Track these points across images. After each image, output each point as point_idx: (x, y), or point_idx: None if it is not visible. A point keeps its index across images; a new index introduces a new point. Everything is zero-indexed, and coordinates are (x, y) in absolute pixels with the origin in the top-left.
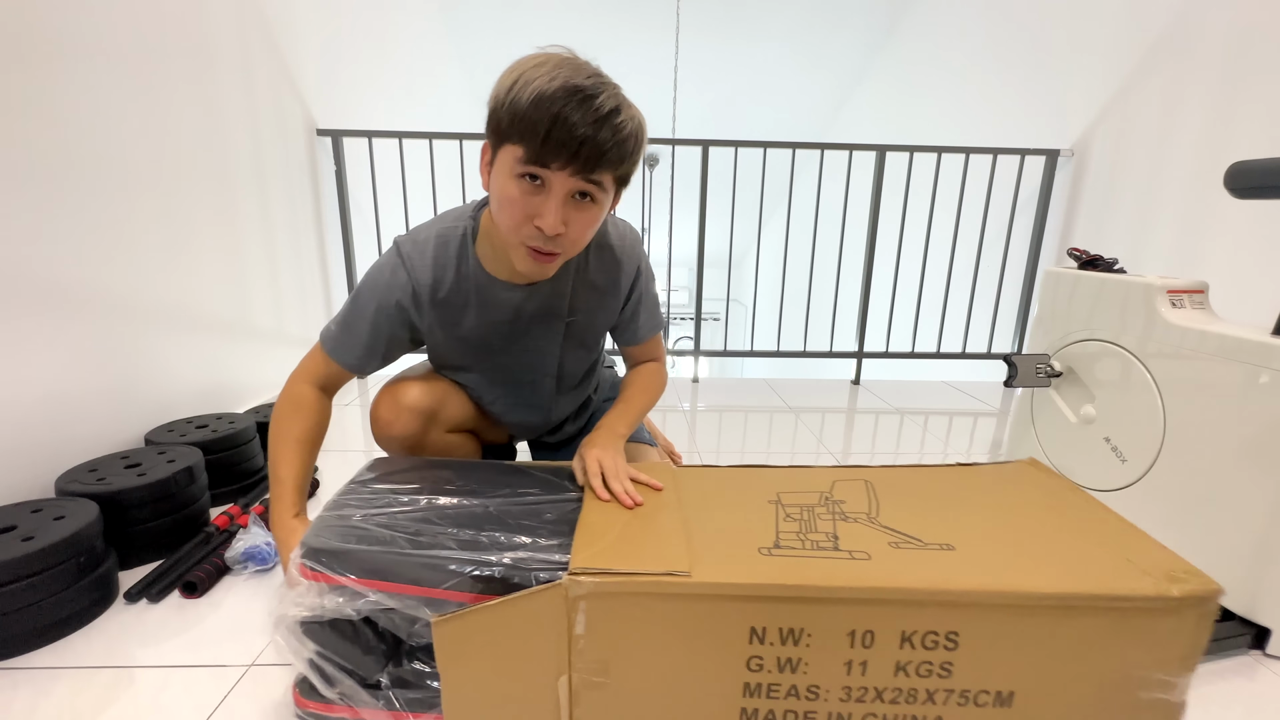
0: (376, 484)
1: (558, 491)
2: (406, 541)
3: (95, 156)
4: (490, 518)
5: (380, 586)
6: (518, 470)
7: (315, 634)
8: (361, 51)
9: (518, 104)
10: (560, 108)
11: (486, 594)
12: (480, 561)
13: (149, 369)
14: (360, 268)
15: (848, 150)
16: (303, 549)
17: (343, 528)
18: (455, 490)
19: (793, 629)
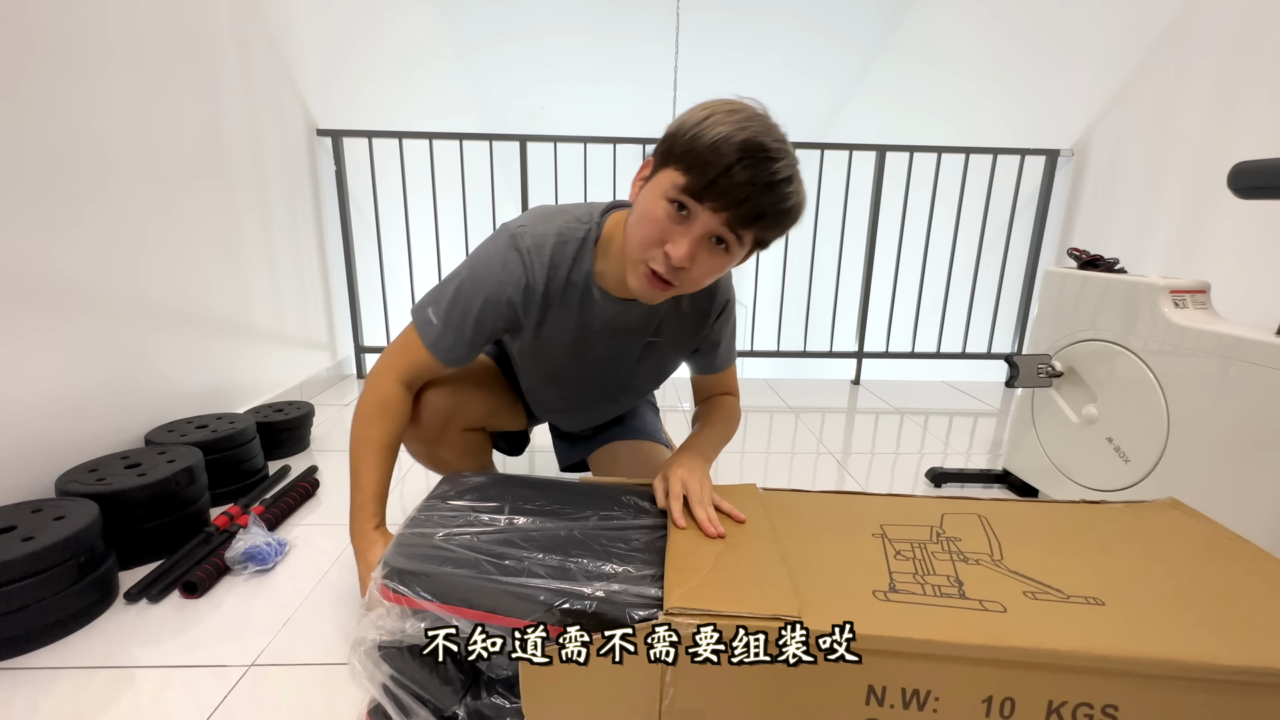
0: (455, 500)
1: (640, 515)
2: (492, 566)
3: (95, 156)
4: (576, 542)
5: (465, 614)
6: (596, 490)
7: (393, 659)
8: (361, 51)
9: (700, 138)
10: (738, 158)
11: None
12: (572, 593)
13: (149, 369)
14: (360, 268)
15: (848, 150)
16: (385, 569)
17: (425, 548)
18: (536, 510)
19: (917, 690)
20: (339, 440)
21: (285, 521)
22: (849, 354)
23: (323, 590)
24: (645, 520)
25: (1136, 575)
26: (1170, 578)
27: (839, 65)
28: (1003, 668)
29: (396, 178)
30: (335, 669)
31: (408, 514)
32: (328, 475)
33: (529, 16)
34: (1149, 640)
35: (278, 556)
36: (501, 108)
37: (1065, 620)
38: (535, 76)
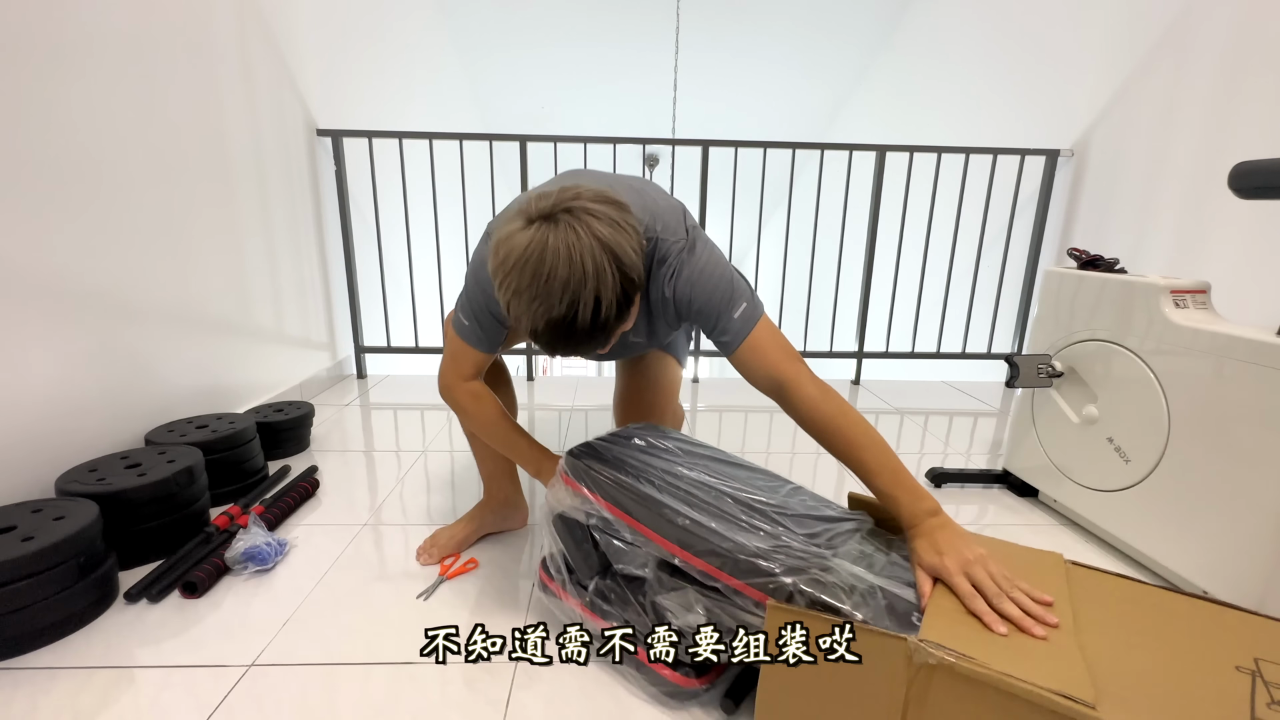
0: (654, 439)
1: (837, 520)
2: (652, 486)
3: (95, 156)
4: (746, 505)
5: (613, 511)
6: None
7: (561, 530)
8: (361, 51)
9: (520, 326)
10: (555, 342)
11: (714, 569)
12: (712, 531)
13: (149, 368)
14: (360, 268)
15: (848, 150)
16: (567, 459)
17: (605, 455)
18: (701, 468)
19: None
20: (339, 440)
21: (285, 521)
22: (849, 354)
23: (323, 590)
24: (840, 521)
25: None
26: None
27: (839, 65)
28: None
29: (396, 178)
30: (335, 669)
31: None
32: (328, 475)
33: (529, 17)
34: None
35: (278, 556)
36: (501, 108)
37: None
38: (535, 76)
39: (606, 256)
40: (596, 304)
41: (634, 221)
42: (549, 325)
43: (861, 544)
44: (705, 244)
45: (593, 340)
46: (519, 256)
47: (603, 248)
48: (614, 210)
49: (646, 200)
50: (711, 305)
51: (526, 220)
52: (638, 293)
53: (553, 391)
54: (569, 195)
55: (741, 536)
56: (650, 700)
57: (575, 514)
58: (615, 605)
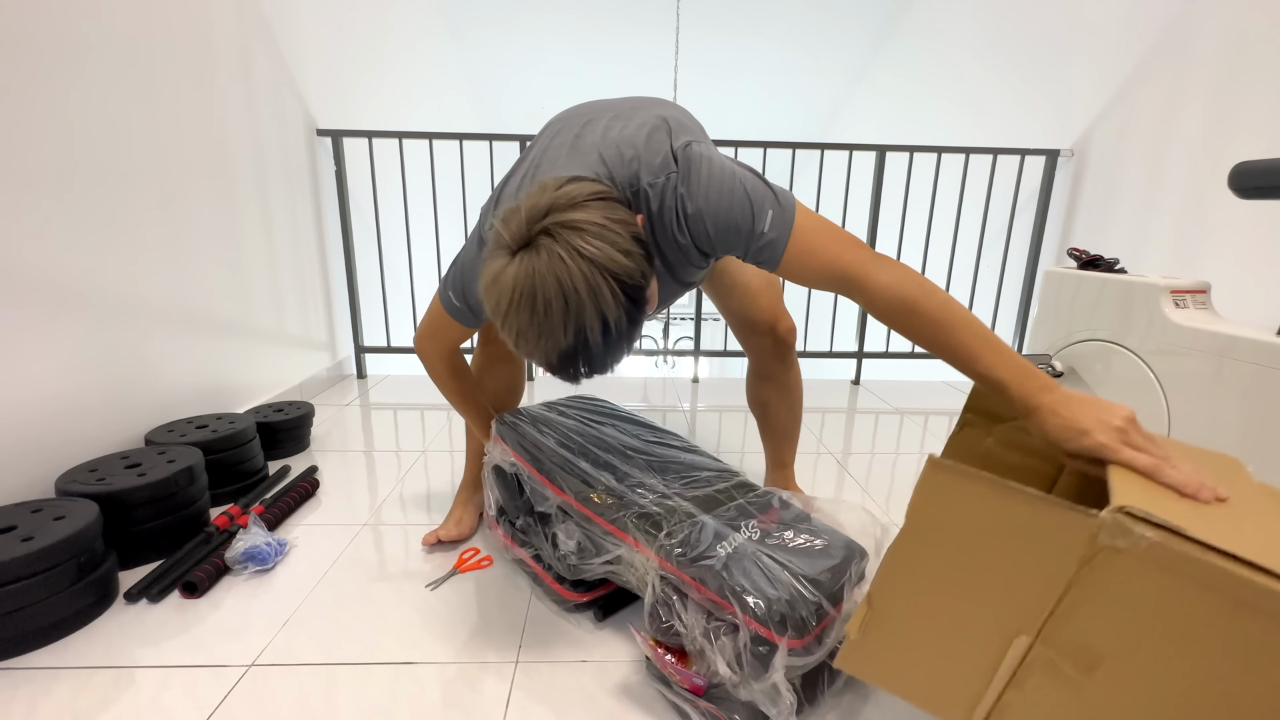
0: (567, 408)
1: (698, 464)
2: (561, 446)
3: (95, 157)
4: (631, 458)
5: (525, 465)
6: (691, 449)
7: (495, 480)
8: (361, 51)
9: (535, 362)
10: (574, 369)
11: (588, 510)
12: (585, 473)
13: (149, 369)
14: (360, 268)
15: (848, 150)
16: (498, 422)
17: (529, 419)
18: (615, 429)
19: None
20: (339, 440)
21: (285, 521)
22: (849, 354)
23: (323, 590)
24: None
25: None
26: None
27: (839, 65)
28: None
29: (396, 178)
30: (335, 669)
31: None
32: (328, 475)
33: (529, 16)
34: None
35: (278, 556)
36: (501, 108)
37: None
38: (535, 76)
39: (598, 272)
40: (604, 324)
41: (616, 211)
42: (563, 358)
43: (717, 491)
44: (700, 160)
45: (612, 356)
46: (510, 299)
47: (592, 265)
48: (593, 211)
49: (621, 148)
50: (733, 228)
51: (508, 252)
52: (645, 289)
53: (553, 391)
54: (542, 209)
55: (608, 479)
56: (651, 699)
57: (504, 465)
58: (532, 536)
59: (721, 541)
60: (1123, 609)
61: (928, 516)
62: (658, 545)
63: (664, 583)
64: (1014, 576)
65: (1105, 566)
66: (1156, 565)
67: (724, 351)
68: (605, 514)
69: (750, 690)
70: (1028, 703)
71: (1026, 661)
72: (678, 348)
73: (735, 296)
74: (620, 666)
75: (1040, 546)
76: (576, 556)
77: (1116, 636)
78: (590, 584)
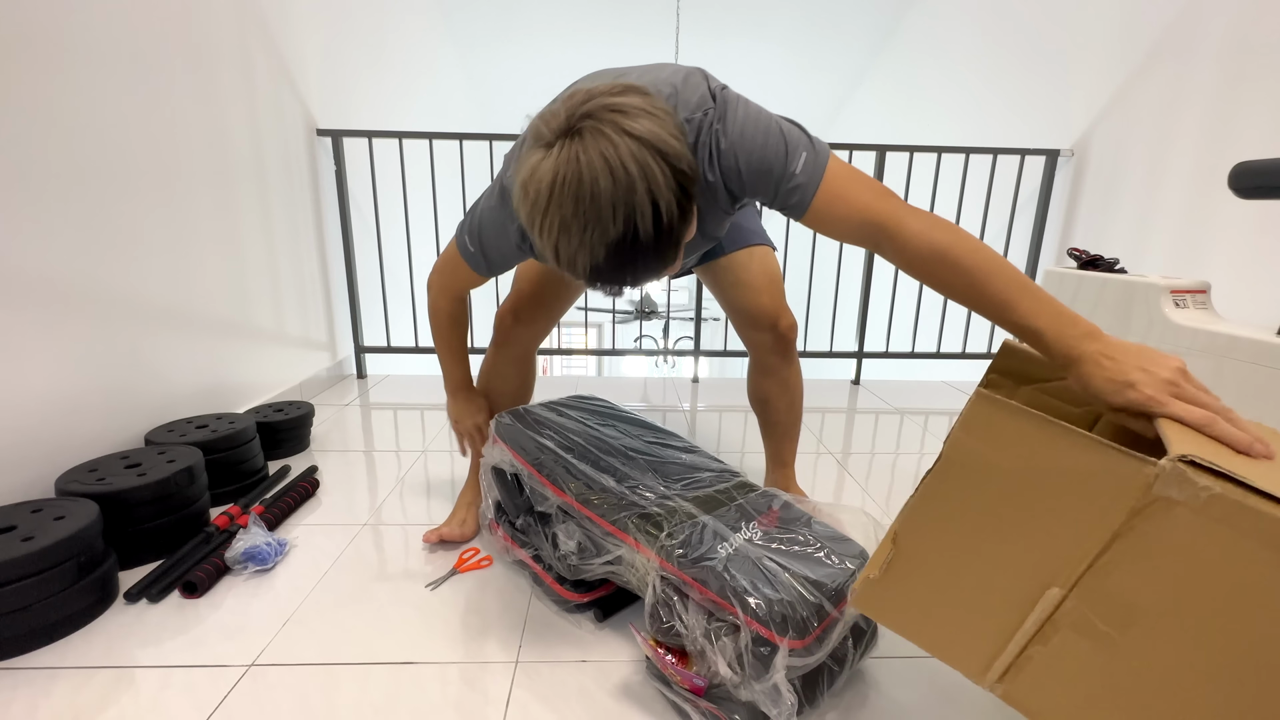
0: (568, 409)
1: (699, 465)
2: (562, 449)
3: (95, 157)
4: (637, 462)
5: (527, 466)
6: (691, 450)
7: (495, 480)
8: (361, 51)
9: (577, 273)
10: (622, 269)
11: (589, 511)
12: (590, 476)
13: (149, 369)
14: (360, 268)
15: (848, 150)
16: (498, 423)
17: (530, 420)
18: (616, 430)
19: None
20: (339, 440)
21: (285, 521)
22: (849, 354)
23: (323, 590)
24: (715, 468)
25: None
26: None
27: (839, 65)
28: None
29: (396, 178)
30: (335, 669)
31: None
32: (328, 475)
33: (529, 16)
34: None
35: (278, 556)
36: (501, 108)
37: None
38: (535, 76)
39: (649, 151)
40: (655, 209)
41: (663, 104)
42: (610, 250)
43: (717, 491)
44: (737, 102)
45: (661, 254)
46: (552, 187)
47: (641, 143)
48: (637, 97)
49: (659, 85)
50: (765, 167)
51: (545, 145)
52: (694, 186)
53: (552, 391)
54: (580, 100)
55: (608, 479)
56: (651, 699)
57: (504, 466)
58: (532, 536)
59: (722, 542)
60: (1171, 564)
61: (968, 452)
62: (658, 546)
63: (665, 583)
64: (1055, 523)
65: (1159, 518)
66: (1215, 519)
67: (724, 351)
68: (606, 514)
69: (751, 691)
70: (1052, 659)
71: (1057, 615)
72: (678, 347)
73: (738, 291)
74: (620, 666)
75: (1088, 492)
76: (577, 557)
77: (1159, 593)
78: (590, 584)
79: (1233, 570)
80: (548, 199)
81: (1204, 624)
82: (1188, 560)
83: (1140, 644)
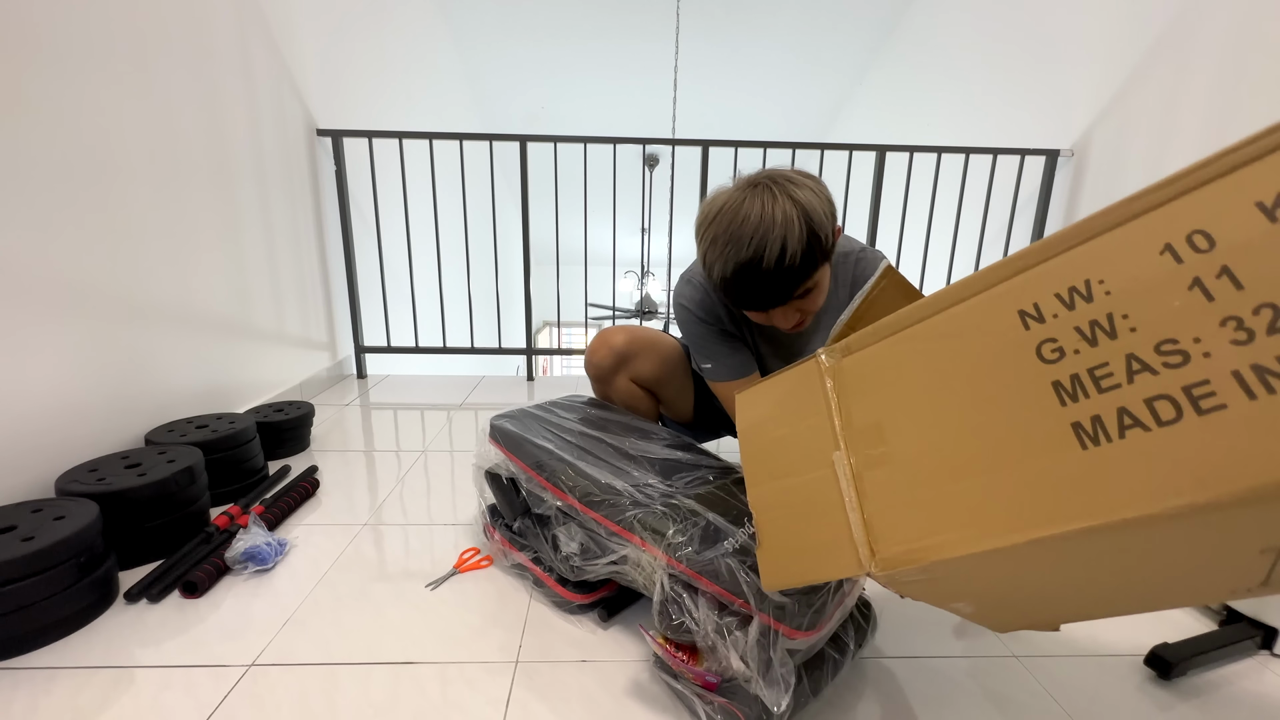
0: (562, 409)
1: (698, 462)
2: (558, 447)
3: (95, 157)
4: (633, 459)
5: (524, 467)
6: (689, 447)
7: (490, 483)
8: (361, 51)
9: (713, 277)
10: (743, 288)
11: (594, 512)
12: (609, 488)
13: (149, 369)
14: (360, 268)
15: (848, 150)
16: (492, 426)
17: (526, 421)
18: (616, 432)
19: (1073, 286)
20: (339, 440)
21: (285, 521)
22: None
23: (323, 590)
24: (706, 464)
25: None
26: None
27: (839, 65)
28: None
29: (396, 178)
30: (335, 669)
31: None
32: (328, 475)
33: (529, 16)
34: None
35: (278, 556)
36: (501, 108)
37: None
38: (535, 76)
39: (796, 211)
40: (782, 250)
41: (825, 190)
42: (737, 268)
43: (719, 488)
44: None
45: (776, 283)
46: (720, 209)
47: (794, 204)
48: (813, 183)
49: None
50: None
51: (736, 187)
52: (825, 256)
53: (553, 391)
54: (776, 171)
55: (610, 479)
56: (652, 698)
57: (499, 469)
58: (530, 539)
59: (728, 538)
60: (867, 388)
61: (749, 424)
62: (665, 544)
63: (673, 580)
64: (806, 421)
65: (842, 372)
66: (853, 355)
67: None
68: (610, 515)
69: (756, 684)
70: (877, 500)
71: (853, 469)
72: None
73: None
74: (621, 666)
75: (808, 390)
76: (580, 558)
77: (879, 406)
78: (593, 584)
79: (900, 365)
80: (712, 217)
81: (919, 406)
82: (871, 379)
83: (903, 442)
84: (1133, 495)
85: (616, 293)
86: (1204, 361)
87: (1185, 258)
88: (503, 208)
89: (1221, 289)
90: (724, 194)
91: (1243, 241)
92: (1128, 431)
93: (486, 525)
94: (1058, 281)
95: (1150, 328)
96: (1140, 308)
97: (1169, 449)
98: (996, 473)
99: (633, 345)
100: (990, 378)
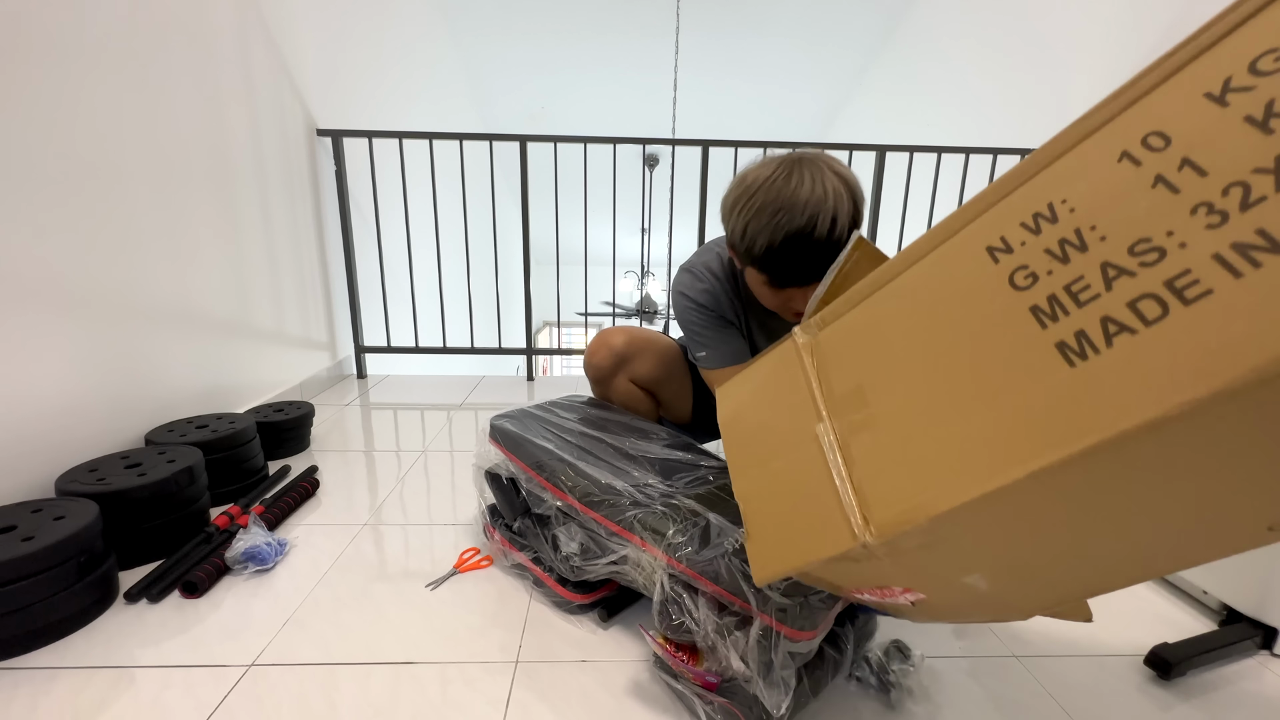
0: (562, 409)
1: (698, 462)
2: (558, 447)
3: (95, 157)
4: (630, 459)
5: (524, 467)
6: (688, 447)
7: (489, 483)
8: (361, 51)
9: (752, 250)
10: (789, 258)
11: (594, 512)
12: (609, 488)
13: (149, 369)
14: (360, 268)
15: (848, 150)
16: (492, 426)
17: (526, 421)
18: (615, 431)
19: (1037, 212)
20: (339, 440)
21: (285, 521)
22: None
23: (323, 590)
24: (702, 464)
25: None
26: None
27: (839, 65)
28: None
29: (396, 178)
30: (335, 669)
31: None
32: (328, 475)
33: (529, 16)
34: None
35: (278, 556)
36: (501, 108)
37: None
38: (535, 76)
39: (844, 187)
40: (834, 222)
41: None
42: (788, 236)
43: (719, 488)
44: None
45: (821, 255)
46: (761, 183)
47: (841, 180)
48: (842, 166)
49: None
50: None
51: (771, 164)
52: (861, 223)
53: (553, 391)
54: (807, 151)
55: (610, 479)
56: (652, 698)
57: (499, 469)
58: (530, 539)
59: (729, 537)
60: (844, 355)
61: (729, 413)
62: (665, 544)
63: (673, 580)
64: (785, 398)
65: (818, 348)
66: (828, 327)
67: None
68: (611, 515)
69: (756, 685)
70: (865, 465)
71: (838, 439)
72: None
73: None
74: (621, 666)
75: (787, 366)
76: (580, 558)
77: (857, 373)
78: (593, 584)
79: (876, 326)
80: (758, 187)
81: (899, 362)
82: (849, 346)
83: (886, 401)
84: (1131, 403)
85: (616, 293)
86: (1181, 252)
87: (1143, 159)
88: (503, 208)
89: (1186, 180)
90: (760, 170)
91: (1198, 131)
92: (1115, 339)
93: (486, 525)
94: (1021, 211)
95: (1120, 232)
96: (1107, 216)
97: (1161, 347)
98: (986, 412)
99: (632, 346)
100: (966, 318)
